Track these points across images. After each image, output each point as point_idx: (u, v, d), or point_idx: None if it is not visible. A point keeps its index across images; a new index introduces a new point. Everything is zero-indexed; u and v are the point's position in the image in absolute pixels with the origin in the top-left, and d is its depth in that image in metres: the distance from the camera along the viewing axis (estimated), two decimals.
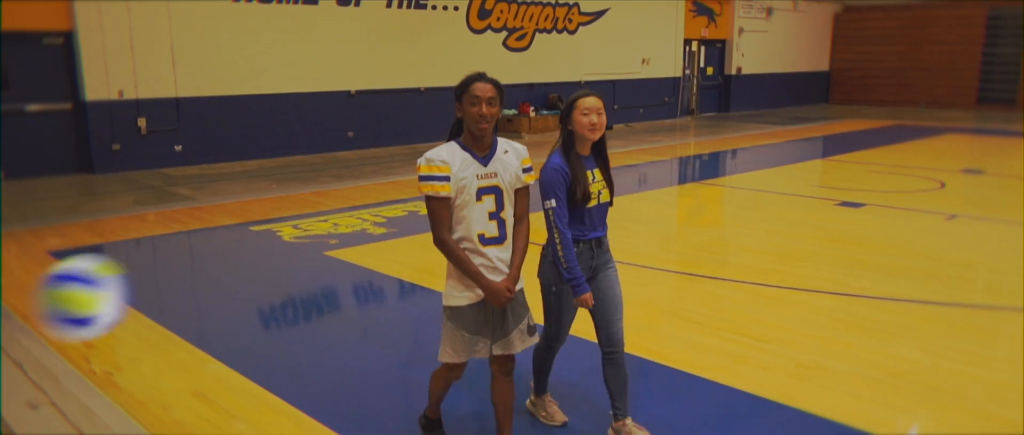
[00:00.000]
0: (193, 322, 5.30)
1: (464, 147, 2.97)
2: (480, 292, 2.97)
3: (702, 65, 20.89)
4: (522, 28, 16.20)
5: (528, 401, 3.77)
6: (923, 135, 15.83)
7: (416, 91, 14.58)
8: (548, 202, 3.16)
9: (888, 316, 5.18)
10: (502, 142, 3.07)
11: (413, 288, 5.97)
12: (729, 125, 18.45)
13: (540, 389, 3.72)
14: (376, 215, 8.38)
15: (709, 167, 12.86)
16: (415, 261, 6.61)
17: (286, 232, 7.64)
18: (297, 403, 3.88)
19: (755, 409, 3.86)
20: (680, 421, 3.75)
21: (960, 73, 22.08)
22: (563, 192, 3.15)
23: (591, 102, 3.21)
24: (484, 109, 2.89)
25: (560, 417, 3.65)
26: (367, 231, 7.67)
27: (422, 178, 2.93)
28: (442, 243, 2.96)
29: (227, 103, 12.30)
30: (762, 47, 21.92)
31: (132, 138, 11.43)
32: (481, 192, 2.95)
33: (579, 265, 3.23)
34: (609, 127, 3.33)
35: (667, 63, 19.46)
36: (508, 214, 3.04)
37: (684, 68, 20.14)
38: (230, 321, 5.38)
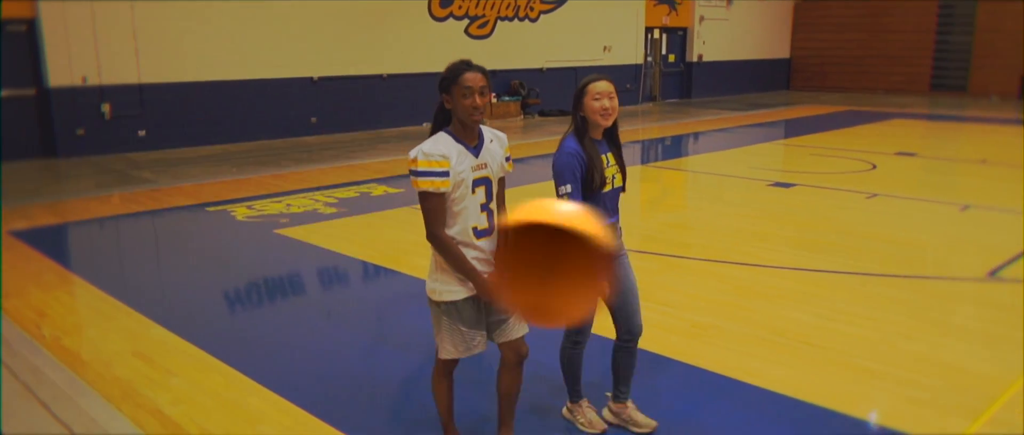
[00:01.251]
0: (141, 293, 5.65)
1: (456, 139, 2.86)
2: (471, 287, 2.91)
3: (664, 52, 21.34)
4: (484, 16, 16.53)
5: (565, 408, 3.60)
6: (871, 120, 16.39)
7: (379, 77, 14.89)
8: (563, 188, 3.08)
9: (786, 283, 5.65)
10: (486, 130, 2.99)
11: (353, 262, 6.34)
12: (688, 111, 18.92)
13: (575, 395, 3.53)
14: (329, 196, 8.74)
15: (660, 151, 13.31)
16: (358, 238, 6.98)
17: (240, 212, 7.98)
18: (229, 360, 4.28)
19: (648, 363, 4.29)
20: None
21: (914, 61, 22.72)
22: (579, 178, 3.09)
23: (602, 86, 3.13)
24: (478, 100, 2.80)
25: (600, 425, 3.50)
26: (318, 211, 8.03)
27: (419, 173, 2.80)
28: (437, 240, 2.87)
29: (191, 89, 12.55)
30: (723, 35, 22.39)
31: (96, 123, 11.66)
32: (475, 184, 2.88)
33: None
34: (569, 112, 3.33)
35: (628, 50, 19.87)
36: (495, 204, 2.99)
37: (646, 55, 20.57)
38: (176, 292, 5.76)
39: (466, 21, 16.20)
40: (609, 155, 3.23)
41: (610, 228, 3.23)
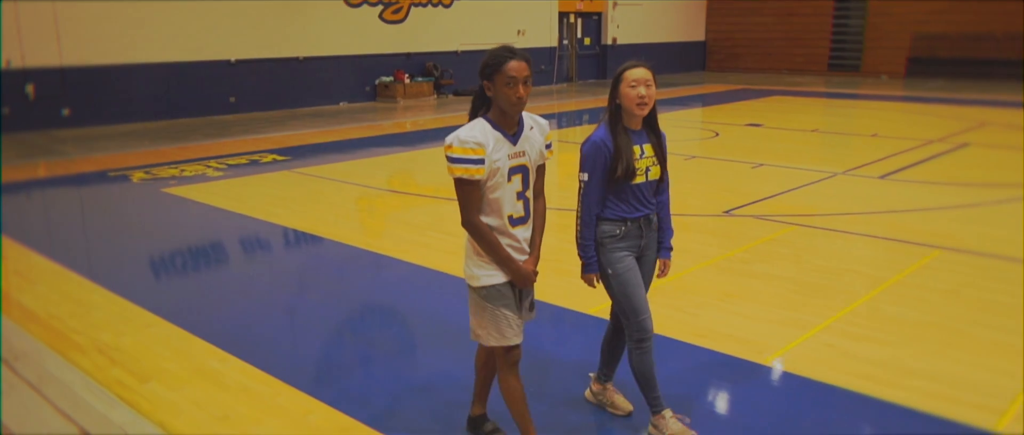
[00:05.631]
0: (31, 231, 6.89)
1: (495, 126, 2.82)
2: (507, 273, 2.89)
3: (580, 36, 22.71)
4: (397, 2, 17.73)
5: (650, 426, 3.33)
6: (754, 96, 17.95)
7: (295, 60, 16.06)
8: (582, 175, 3.06)
9: (560, 221, 7.03)
10: (527, 117, 2.93)
11: (214, 209, 7.60)
12: (597, 91, 20.32)
13: (656, 405, 3.28)
14: (221, 163, 9.98)
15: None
16: (230, 193, 8.24)
17: (137, 176, 9.20)
18: (85, 273, 5.58)
19: (434, 279, 5.66)
20: (378, 290, 5.53)
21: (814, 43, 24.38)
22: (600, 169, 3.03)
23: (640, 73, 3.01)
24: (521, 91, 2.75)
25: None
26: (206, 175, 9.27)
27: (454, 160, 2.76)
28: (473, 226, 2.84)
29: (112, 71, 13.62)
30: (637, 19, 23.83)
31: (21, 103, 12.71)
32: (511, 172, 2.84)
33: (628, 245, 3.14)
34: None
35: (542, 34, 21.21)
36: (531, 192, 2.96)
37: (561, 39, 21.92)
38: (63, 231, 7.02)
39: (380, 7, 17.39)
40: (646, 146, 3.10)
41: (637, 222, 3.16)
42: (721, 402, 3.72)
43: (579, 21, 22.55)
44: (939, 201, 7.57)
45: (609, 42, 23.20)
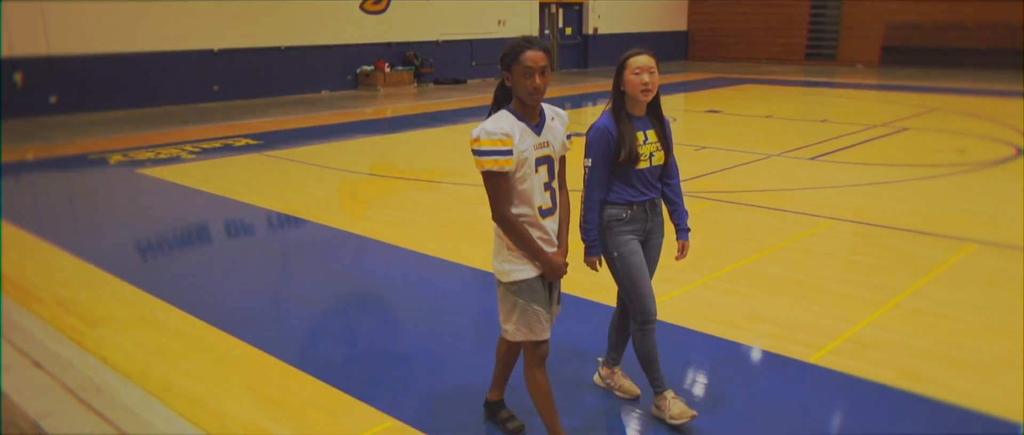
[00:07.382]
0: (8, 204, 7.48)
1: (518, 117, 2.85)
2: (538, 266, 2.91)
3: (561, 25, 23.21)
4: None
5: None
6: (725, 85, 18.47)
7: (277, 49, 16.60)
8: (586, 160, 3.13)
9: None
10: (547, 108, 2.96)
11: (179, 187, 8.18)
12: (574, 80, 20.85)
13: (658, 388, 3.39)
14: (196, 147, 10.55)
15: None
16: (198, 174, 8.81)
17: (114, 159, 9.78)
18: (51, 240, 6.15)
19: (368, 247, 6.24)
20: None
21: (792, 32, 24.85)
22: (604, 154, 3.11)
23: (643, 60, 3.08)
24: (538, 80, 2.76)
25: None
26: (180, 157, 9.85)
27: (483, 153, 2.77)
28: (504, 220, 2.83)
29: (98, 60, 14.17)
30: (618, 8, 24.31)
31: (9, 91, 13.28)
32: (538, 163, 2.86)
33: (634, 228, 3.23)
34: (462, 80, 3.46)
35: (523, 24, 21.70)
36: (557, 183, 2.98)
37: (541, 29, 22.42)
38: (34, 203, 7.61)
39: None
40: (649, 132, 3.18)
41: (643, 206, 3.24)
42: (575, 337, 4.22)
43: (560, 11, 23.05)
44: (854, 179, 8.13)
45: (590, 32, 23.70)
